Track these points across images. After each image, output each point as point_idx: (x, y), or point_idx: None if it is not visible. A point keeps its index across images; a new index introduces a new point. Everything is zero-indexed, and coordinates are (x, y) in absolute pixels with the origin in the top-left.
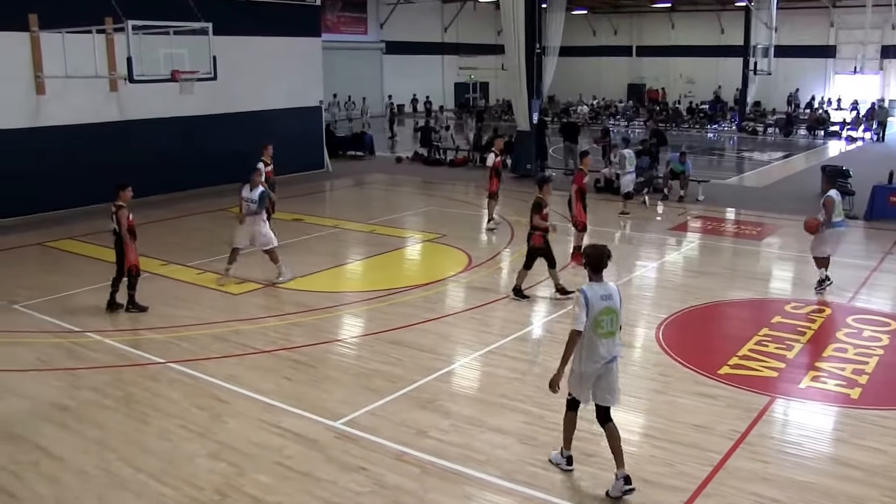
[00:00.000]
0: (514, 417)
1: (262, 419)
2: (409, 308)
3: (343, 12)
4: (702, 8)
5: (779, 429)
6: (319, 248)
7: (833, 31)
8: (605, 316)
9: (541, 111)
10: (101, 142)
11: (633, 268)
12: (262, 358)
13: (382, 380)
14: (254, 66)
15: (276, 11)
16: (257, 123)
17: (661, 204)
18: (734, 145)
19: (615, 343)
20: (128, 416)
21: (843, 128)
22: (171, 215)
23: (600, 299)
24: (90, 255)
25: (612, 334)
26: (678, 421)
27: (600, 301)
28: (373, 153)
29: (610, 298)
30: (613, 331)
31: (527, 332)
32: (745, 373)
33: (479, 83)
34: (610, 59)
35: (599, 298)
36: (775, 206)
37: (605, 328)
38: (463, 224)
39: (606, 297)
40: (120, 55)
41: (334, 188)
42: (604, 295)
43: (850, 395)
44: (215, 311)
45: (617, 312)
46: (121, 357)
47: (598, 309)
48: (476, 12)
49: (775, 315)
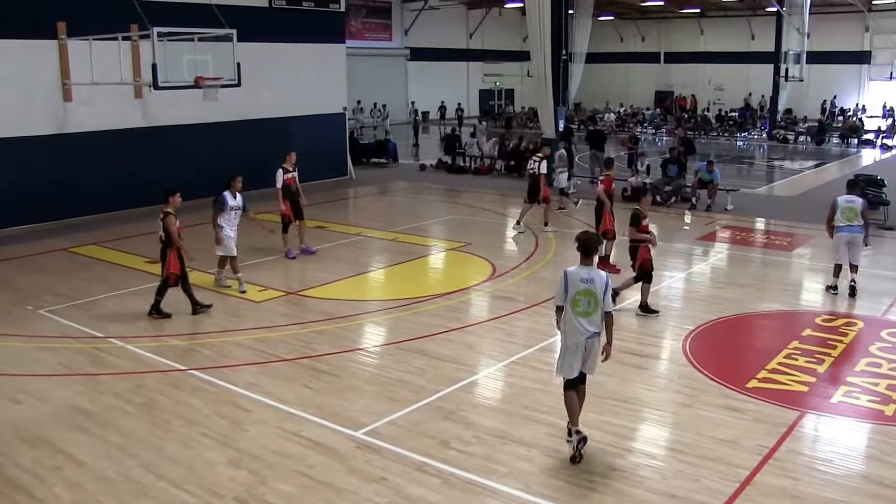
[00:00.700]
0: (538, 429)
1: (283, 428)
2: (432, 317)
3: (367, 18)
4: (731, 13)
5: (809, 445)
6: (342, 255)
7: (868, 35)
8: (583, 297)
9: (567, 118)
10: (126, 148)
11: (660, 278)
12: (284, 366)
13: (405, 390)
14: (278, 72)
15: (300, 17)
16: (281, 130)
17: (689, 213)
18: (764, 154)
19: (592, 322)
20: (149, 422)
21: (877, 136)
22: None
23: (580, 281)
24: (115, 261)
25: (589, 314)
26: (705, 435)
27: (580, 283)
28: (396, 161)
29: (591, 282)
30: (590, 311)
31: (551, 343)
32: (773, 387)
33: (504, 90)
34: (637, 65)
35: (579, 280)
36: (806, 217)
37: (581, 307)
38: (487, 233)
39: (588, 280)
40: (145, 62)
41: (358, 196)
42: (585, 278)
43: (884, 411)
44: (237, 318)
45: (596, 296)
46: (143, 363)
47: (577, 289)
48: (501, 18)
49: (805, 328)
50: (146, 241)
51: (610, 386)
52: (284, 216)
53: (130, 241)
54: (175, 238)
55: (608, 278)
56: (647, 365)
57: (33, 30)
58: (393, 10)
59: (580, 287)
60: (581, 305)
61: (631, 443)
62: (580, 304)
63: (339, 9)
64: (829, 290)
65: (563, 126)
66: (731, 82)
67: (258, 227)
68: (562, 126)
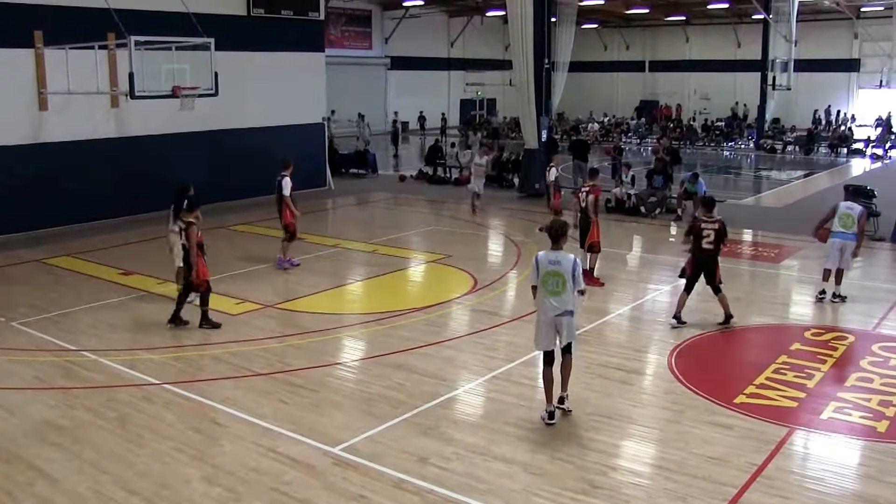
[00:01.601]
0: (520, 446)
1: (259, 443)
2: (411, 331)
3: (347, 27)
4: (717, 21)
5: (799, 462)
6: (320, 268)
7: (857, 43)
8: (551, 277)
9: (550, 129)
10: (101, 158)
11: (645, 291)
12: (260, 380)
13: (383, 405)
14: (256, 81)
15: (279, 26)
16: (259, 140)
17: (675, 224)
18: (752, 164)
19: (562, 301)
20: (122, 437)
21: (867, 145)
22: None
23: (548, 263)
24: (89, 272)
25: (557, 293)
26: (692, 452)
27: (548, 265)
28: (376, 171)
29: (558, 264)
30: (558, 290)
31: (533, 357)
32: (762, 402)
33: (486, 100)
34: (622, 74)
35: (548, 262)
36: (795, 228)
37: (549, 287)
38: (468, 245)
39: (555, 262)
40: (122, 71)
41: (336, 206)
42: (553, 260)
43: (876, 427)
44: (212, 331)
45: (564, 276)
46: (116, 377)
47: (545, 270)
48: (483, 27)
49: (794, 342)
50: (121, 253)
51: (594, 401)
52: (291, 225)
53: (105, 253)
54: (193, 250)
55: (576, 260)
56: (632, 380)
57: (9, 38)
58: (373, 19)
59: (548, 268)
60: (550, 285)
61: (616, 460)
62: (549, 284)
63: (318, 17)
64: (818, 296)
65: (545, 136)
66: (717, 91)
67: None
68: (544, 136)
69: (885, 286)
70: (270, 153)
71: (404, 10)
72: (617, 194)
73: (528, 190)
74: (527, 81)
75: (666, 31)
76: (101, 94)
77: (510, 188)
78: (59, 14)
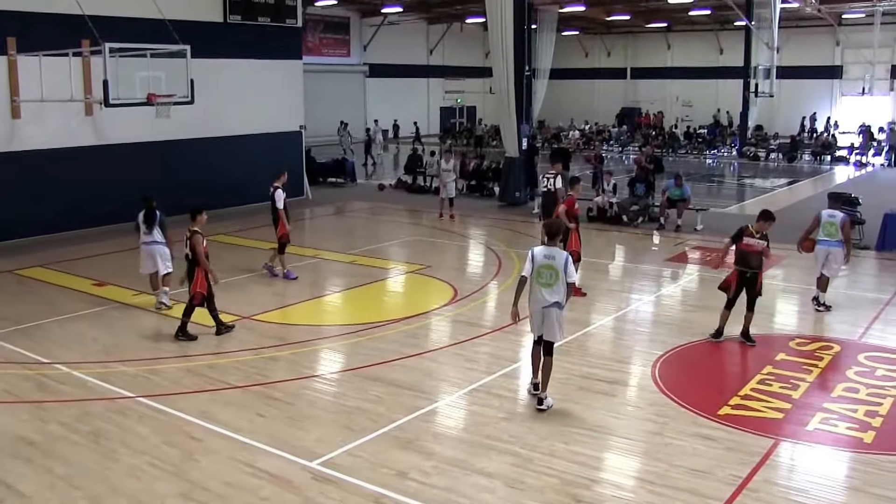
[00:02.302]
0: (501, 459)
1: (235, 458)
2: (390, 343)
3: (325, 34)
4: (699, 28)
5: (784, 474)
6: (298, 279)
7: (839, 50)
8: (545, 270)
9: (530, 136)
10: (75, 167)
11: (627, 301)
12: (237, 394)
13: (362, 418)
14: (233, 89)
15: (256, 33)
16: (235, 148)
17: (658, 234)
18: (734, 172)
19: (553, 292)
20: (96, 452)
21: (851, 152)
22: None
23: (543, 257)
24: (62, 284)
25: (550, 285)
26: (675, 465)
27: (543, 259)
28: (355, 180)
29: (553, 258)
30: (551, 283)
31: (514, 369)
32: (747, 414)
33: (465, 107)
34: (603, 81)
35: (543, 256)
36: (779, 236)
37: (544, 279)
38: (448, 255)
39: (550, 256)
40: (96, 78)
41: (314, 216)
42: (547, 255)
43: (862, 438)
44: (189, 343)
45: (557, 270)
46: (90, 390)
47: (540, 263)
48: (463, 34)
49: (779, 352)
50: (94, 264)
51: (576, 414)
52: (284, 237)
53: (78, 264)
54: (202, 258)
55: (568, 256)
56: (614, 392)
57: None
58: (351, 26)
59: (543, 262)
60: (544, 277)
61: (598, 473)
62: (543, 276)
63: (295, 24)
64: (813, 302)
65: (526, 144)
66: (699, 98)
67: None
68: (525, 144)
69: (870, 295)
70: (247, 162)
71: (383, 17)
72: (599, 203)
73: (508, 199)
74: (507, 89)
75: (647, 37)
76: (76, 102)
77: (490, 197)
78: (33, 20)
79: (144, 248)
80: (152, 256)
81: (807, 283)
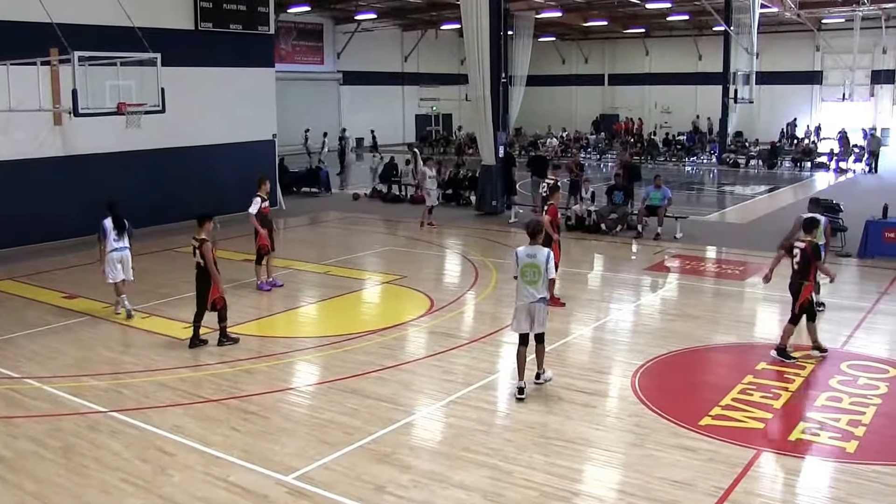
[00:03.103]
0: (479, 472)
1: (209, 473)
2: (366, 355)
3: (298, 41)
4: (678, 33)
5: (767, 485)
6: (272, 291)
7: (819, 55)
8: (528, 269)
9: (507, 144)
10: (44, 178)
11: (606, 311)
12: (211, 407)
13: (338, 431)
14: (205, 98)
15: (228, 41)
16: (208, 158)
17: (636, 242)
18: (714, 179)
19: (538, 289)
20: (67, 468)
21: (831, 158)
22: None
23: (526, 256)
24: (32, 297)
25: (535, 282)
26: (656, 476)
27: (526, 258)
28: (329, 190)
29: (535, 257)
30: (535, 280)
31: (492, 380)
32: (728, 424)
33: (441, 115)
34: (581, 88)
35: (525, 255)
36: (760, 244)
37: (528, 277)
38: (424, 265)
39: (532, 255)
40: (65, 87)
41: (287, 227)
42: (529, 254)
43: (845, 448)
44: (161, 357)
45: (539, 267)
46: (61, 405)
47: (524, 262)
48: (438, 40)
49: (760, 361)
50: (65, 276)
51: (555, 425)
52: (263, 247)
53: (48, 276)
54: (212, 268)
55: (549, 253)
56: (594, 403)
57: None
58: (324, 33)
59: (526, 261)
60: (528, 276)
61: (578, 486)
62: (527, 274)
63: (268, 31)
64: None
65: (503, 152)
66: (678, 104)
67: None
68: (502, 152)
69: (853, 303)
70: (219, 171)
71: (356, 24)
72: (577, 211)
73: (485, 208)
74: (483, 96)
75: (625, 43)
76: (44, 112)
77: (467, 206)
78: None
79: (115, 255)
80: (123, 262)
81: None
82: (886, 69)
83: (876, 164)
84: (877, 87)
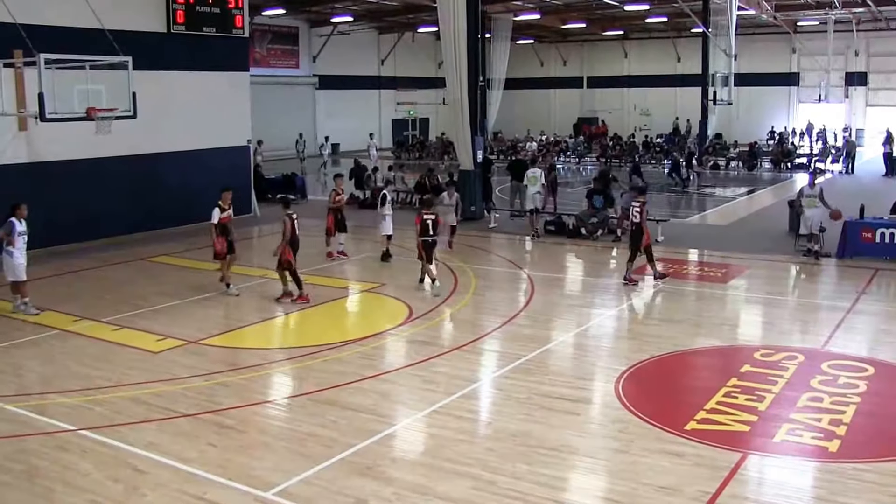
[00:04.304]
0: (463, 483)
1: (184, 490)
2: (345, 365)
3: (273, 45)
4: (656, 35)
5: (753, 488)
6: (246, 300)
7: (795, 57)
8: None
9: (485, 149)
10: (9, 186)
11: (588, 316)
12: (186, 422)
13: (317, 444)
14: (177, 103)
15: (201, 44)
16: (180, 164)
17: (616, 246)
18: (694, 181)
19: None
20: (29, 492)
21: (810, 160)
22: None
23: None
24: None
25: None
26: (642, 482)
27: None
28: (305, 197)
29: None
30: None
31: (474, 390)
32: (713, 428)
33: (418, 119)
34: (559, 90)
35: None
36: (741, 246)
37: None
38: (403, 272)
39: None
40: (31, 91)
41: (262, 235)
42: None
43: (828, 448)
44: (133, 370)
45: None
46: (24, 425)
47: None
48: (415, 44)
49: (744, 364)
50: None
51: (538, 434)
52: (219, 254)
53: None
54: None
55: None
56: (577, 410)
57: None
58: (300, 36)
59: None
60: None
61: (563, 494)
62: None
63: (242, 34)
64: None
65: (481, 157)
66: (658, 107)
67: None
68: (480, 157)
69: (832, 303)
70: (192, 179)
71: (332, 27)
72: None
73: (463, 213)
74: (461, 100)
75: (604, 45)
76: (8, 117)
77: None
78: None
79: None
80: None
81: (770, 292)
82: (859, 71)
83: (852, 165)
84: (850, 88)
